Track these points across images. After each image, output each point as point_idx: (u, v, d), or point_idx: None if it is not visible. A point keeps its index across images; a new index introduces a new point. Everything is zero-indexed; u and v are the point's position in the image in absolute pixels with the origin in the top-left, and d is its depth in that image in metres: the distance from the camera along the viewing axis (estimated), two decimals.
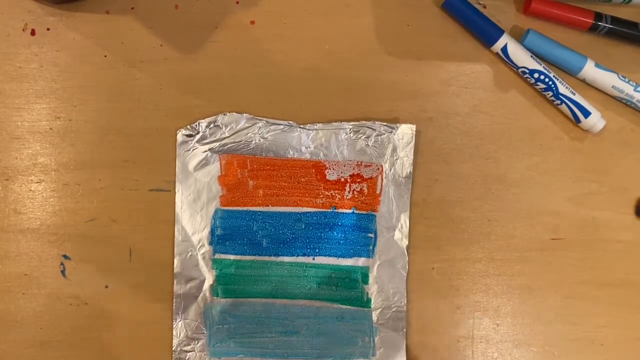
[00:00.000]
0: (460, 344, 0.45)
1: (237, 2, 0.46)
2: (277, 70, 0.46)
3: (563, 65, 0.46)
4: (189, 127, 0.44)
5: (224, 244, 0.44)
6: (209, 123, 0.44)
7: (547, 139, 0.47)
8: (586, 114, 0.45)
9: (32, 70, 0.44)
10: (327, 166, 0.44)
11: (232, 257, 0.44)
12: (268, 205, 0.45)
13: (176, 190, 0.44)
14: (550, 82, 0.45)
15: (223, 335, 0.44)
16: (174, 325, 0.43)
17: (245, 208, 0.44)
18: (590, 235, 0.46)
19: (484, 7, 0.47)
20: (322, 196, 0.45)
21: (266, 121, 0.44)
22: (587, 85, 0.47)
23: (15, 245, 0.43)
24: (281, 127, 0.44)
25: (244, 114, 0.44)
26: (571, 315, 0.46)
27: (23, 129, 0.44)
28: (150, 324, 0.44)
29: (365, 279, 0.45)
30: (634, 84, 0.46)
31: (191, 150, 0.44)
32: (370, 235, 0.45)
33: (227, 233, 0.44)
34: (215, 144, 0.44)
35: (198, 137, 0.44)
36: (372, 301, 0.44)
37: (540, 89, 0.46)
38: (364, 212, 0.45)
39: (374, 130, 0.45)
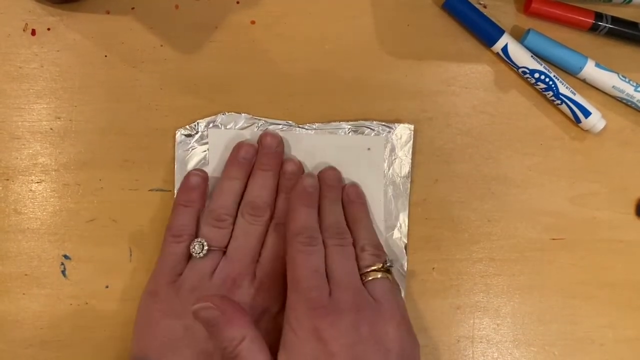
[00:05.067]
0: (461, 344, 0.45)
1: (237, 2, 0.46)
2: (277, 70, 0.46)
3: (563, 65, 0.46)
4: (187, 127, 0.44)
5: None
6: (208, 123, 0.44)
7: (548, 139, 0.47)
8: (586, 114, 0.45)
9: (33, 70, 0.44)
10: None
11: None
12: None
13: (176, 190, 0.44)
14: (551, 82, 0.45)
15: None
16: None
17: None
18: (590, 235, 0.46)
19: (485, 7, 0.47)
20: None
21: (265, 121, 0.44)
22: (588, 85, 0.47)
23: (16, 245, 0.44)
24: (280, 126, 0.45)
25: (243, 114, 0.44)
26: (571, 315, 0.46)
27: (23, 129, 0.44)
28: None
29: None
30: (635, 84, 0.46)
31: (190, 150, 0.44)
32: None
33: None
34: None
35: (197, 136, 0.44)
36: None
37: (541, 89, 0.46)
38: None
39: (372, 130, 0.45)
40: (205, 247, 0.40)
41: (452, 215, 0.46)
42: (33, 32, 0.45)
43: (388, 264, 0.41)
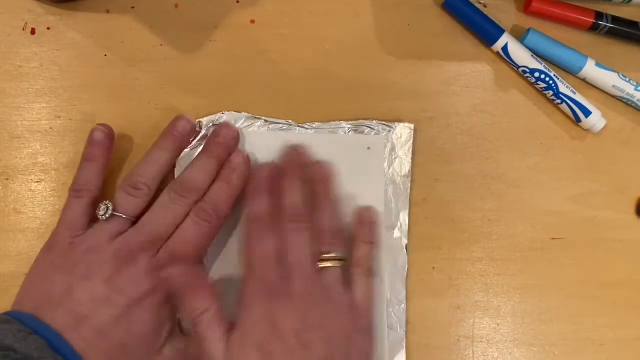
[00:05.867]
0: (461, 343, 0.45)
1: (237, 2, 0.46)
2: (277, 70, 0.46)
3: (563, 65, 0.46)
4: None
5: None
6: (208, 122, 0.44)
7: (548, 139, 0.47)
8: (587, 113, 0.45)
9: (32, 69, 0.44)
10: None
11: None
12: None
13: None
14: (551, 81, 0.45)
15: None
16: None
17: None
18: (590, 234, 0.46)
19: (485, 6, 0.47)
20: None
21: (265, 120, 0.44)
22: (588, 85, 0.47)
23: (15, 245, 0.43)
24: (280, 125, 0.44)
25: (243, 113, 0.44)
26: (571, 315, 0.45)
27: (23, 128, 0.44)
28: None
29: None
30: (635, 83, 0.46)
31: (190, 149, 0.44)
32: None
33: None
34: None
35: (197, 136, 0.44)
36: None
37: (541, 88, 0.46)
38: None
39: (372, 129, 0.45)
40: (110, 210, 0.39)
41: (452, 214, 0.46)
42: (32, 31, 0.45)
43: (338, 255, 0.40)
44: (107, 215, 0.39)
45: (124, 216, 0.39)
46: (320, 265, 0.39)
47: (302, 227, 0.40)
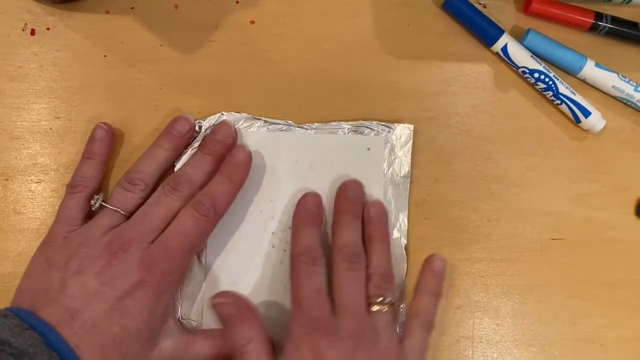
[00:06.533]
0: (461, 344, 0.45)
1: (237, 2, 0.46)
2: (277, 70, 0.46)
3: (563, 65, 0.46)
4: None
5: None
6: (208, 122, 0.44)
7: (547, 139, 0.47)
8: (586, 113, 0.45)
9: (32, 70, 0.44)
10: None
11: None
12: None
13: None
14: (551, 82, 0.45)
15: None
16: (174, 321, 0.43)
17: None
18: (590, 235, 0.46)
19: (484, 6, 0.47)
20: None
21: (265, 120, 0.44)
22: (588, 85, 0.47)
23: (15, 246, 0.43)
24: (280, 126, 0.44)
25: (243, 114, 0.44)
26: (571, 315, 0.45)
27: (23, 129, 0.44)
28: None
29: None
30: (634, 84, 0.46)
31: (190, 149, 0.44)
32: None
33: None
34: None
35: (197, 136, 0.44)
36: None
37: (541, 88, 0.46)
38: None
39: (372, 129, 0.45)
40: (99, 202, 0.40)
41: (452, 215, 0.46)
42: (32, 32, 0.44)
43: (389, 300, 0.40)
44: (96, 207, 0.40)
45: (120, 211, 0.40)
46: (372, 309, 0.39)
47: (357, 267, 0.40)
